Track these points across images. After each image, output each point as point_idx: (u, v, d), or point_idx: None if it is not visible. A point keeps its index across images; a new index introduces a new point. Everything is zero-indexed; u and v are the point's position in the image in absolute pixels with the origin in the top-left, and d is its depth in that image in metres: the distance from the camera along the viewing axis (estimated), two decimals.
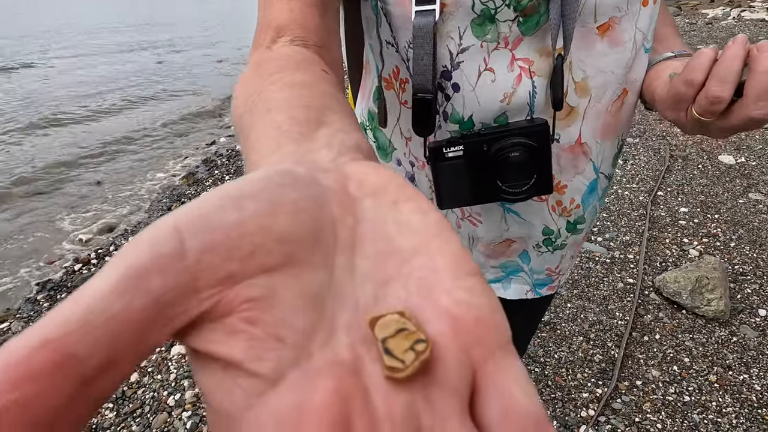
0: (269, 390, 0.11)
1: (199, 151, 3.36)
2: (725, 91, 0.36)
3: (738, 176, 2.30)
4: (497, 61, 0.41)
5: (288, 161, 0.17)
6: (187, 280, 0.11)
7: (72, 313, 0.10)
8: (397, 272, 0.13)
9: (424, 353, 0.11)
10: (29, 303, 1.86)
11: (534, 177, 0.42)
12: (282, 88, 0.25)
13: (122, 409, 1.35)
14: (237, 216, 0.12)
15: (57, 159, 3.26)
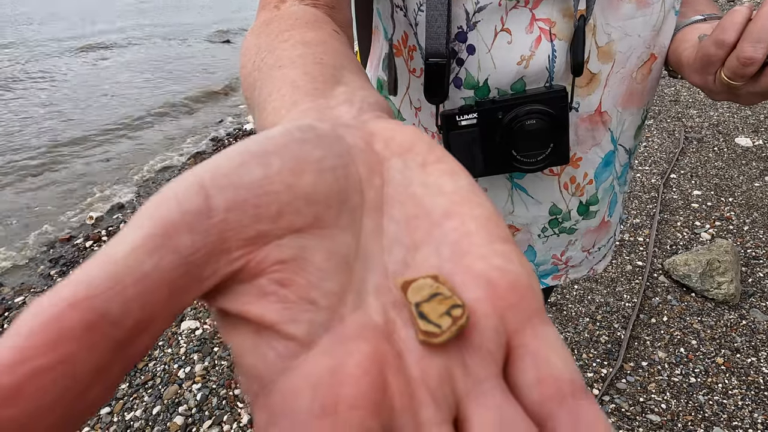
0: (303, 353, 0.11)
1: (207, 131, 3.36)
2: (758, 51, 0.34)
3: (755, 159, 2.25)
4: (515, 22, 0.39)
5: (307, 118, 0.16)
6: (215, 239, 0.11)
7: (101, 272, 0.09)
8: (428, 236, 0.13)
9: (461, 319, 0.11)
10: (43, 278, 1.90)
11: (550, 146, 0.40)
12: (294, 45, 0.24)
13: (134, 381, 1.39)
14: (261, 173, 0.12)
15: (67, 137, 3.28)
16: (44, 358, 0.08)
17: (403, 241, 0.13)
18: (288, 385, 0.10)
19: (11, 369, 0.08)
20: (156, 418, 1.27)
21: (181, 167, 2.82)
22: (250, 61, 0.26)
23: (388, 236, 0.13)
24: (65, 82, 4.43)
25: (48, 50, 5.56)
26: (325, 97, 0.18)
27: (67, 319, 0.09)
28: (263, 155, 0.12)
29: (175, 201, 0.11)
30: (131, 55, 5.40)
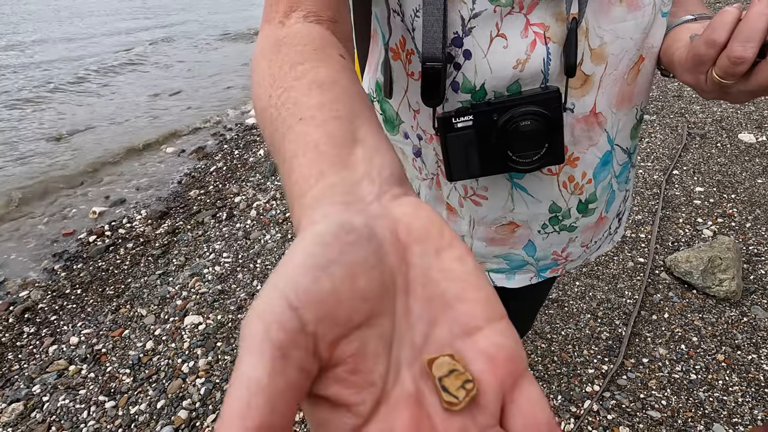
0: (366, 423, 0.15)
1: (209, 125, 3.35)
2: (748, 50, 0.34)
3: (758, 155, 2.24)
4: (510, 27, 0.40)
5: (336, 196, 0.19)
6: (312, 347, 0.14)
7: (258, 398, 0.13)
8: (443, 315, 0.17)
9: (473, 391, 0.15)
10: (47, 272, 1.91)
11: (545, 146, 0.41)
12: (309, 88, 0.25)
13: (138, 375, 1.40)
14: (330, 285, 0.15)
15: (68, 130, 3.28)
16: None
17: (424, 318, 0.17)
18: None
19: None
20: (160, 412, 1.29)
21: (184, 161, 2.82)
22: (266, 93, 0.27)
23: (413, 313, 0.17)
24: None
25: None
26: (347, 167, 0.21)
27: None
28: (326, 268, 0.15)
29: (277, 324, 0.14)
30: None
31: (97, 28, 6.44)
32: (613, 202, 0.54)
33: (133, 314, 1.65)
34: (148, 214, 2.24)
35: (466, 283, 0.17)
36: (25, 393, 1.37)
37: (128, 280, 1.82)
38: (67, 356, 1.49)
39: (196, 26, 6.43)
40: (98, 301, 1.73)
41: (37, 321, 1.66)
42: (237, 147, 2.93)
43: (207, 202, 2.32)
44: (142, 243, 2.04)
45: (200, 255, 1.92)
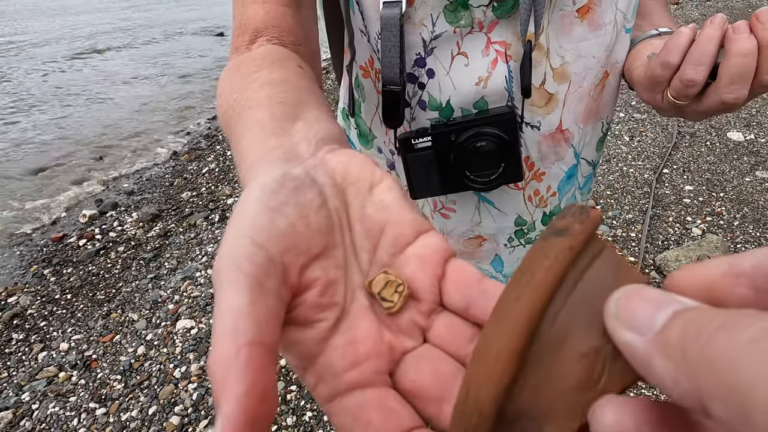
0: (332, 336, 0.17)
1: (201, 127, 3.33)
2: (699, 74, 0.35)
3: (746, 153, 2.26)
4: (471, 46, 0.41)
5: (275, 156, 0.21)
6: (282, 275, 0.16)
7: (243, 322, 0.14)
8: (380, 241, 0.20)
9: (405, 291, 0.19)
10: (36, 277, 1.89)
11: (502, 166, 0.42)
12: (261, 86, 0.28)
13: (130, 381, 1.39)
14: (286, 222, 0.17)
15: (58, 134, 3.24)
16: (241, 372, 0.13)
17: (366, 247, 0.20)
18: (326, 356, 0.17)
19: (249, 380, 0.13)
20: (152, 418, 1.28)
21: (176, 163, 2.80)
22: (226, 101, 0.29)
23: (357, 245, 0.20)
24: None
25: None
26: (286, 135, 0.23)
27: (255, 354, 0.13)
28: (279, 209, 0.17)
29: (247, 259, 0.15)
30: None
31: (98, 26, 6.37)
32: None
33: (124, 319, 1.64)
34: (140, 217, 2.22)
35: (394, 209, 0.20)
36: (14, 401, 1.36)
37: (119, 284, 1.81)
38: (56, 363, 1.48)
39: (192, 24, 6.38)
40: (88, 306, 1.72)
41: (26, 327, 1.64)
42: (229, 148, 2.91)
43: (199, 204, 2.30)
44: (134, 246, 2.02)
45: (192, 258, 1.90)
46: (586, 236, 0.14)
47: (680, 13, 4.35)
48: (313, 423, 1.24)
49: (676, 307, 0.11)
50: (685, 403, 0.10)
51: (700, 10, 4.37)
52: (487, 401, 0.13)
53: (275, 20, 0.36)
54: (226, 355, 0.13)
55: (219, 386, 0.13)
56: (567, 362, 0.13)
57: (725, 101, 0.35)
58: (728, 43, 0.34)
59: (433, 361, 0.18)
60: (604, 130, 0.51)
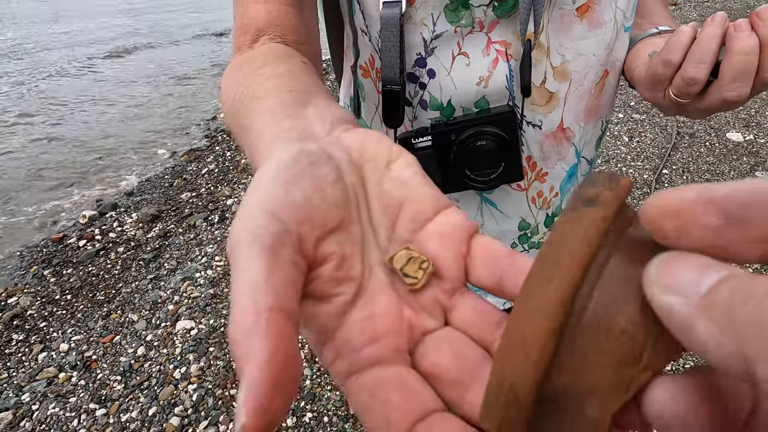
0: (349, 310, 0.17)
1: (200, 127, 3.33)
2: (700, 72, 0.35)
3: (745, 154, 2.27)
4: (472, 45, 0.41)
5: (290, 135, 0.21)
6: (297, 245, 0.16)
7: (260, 294, 0.13)
8: (398, 218, 0.19)
9: (429, 267, 0.18)
10: (36, 278, 1.89)
11: (502, 165, 0.42)
12: (268, 78, 0.28)
13: (130, 382, 1.39)
14: (302, 195, 0.17)
15: (57, 135, 3.24)
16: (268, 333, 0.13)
17: (385, 223, 0.19)
18: (344, 331, 0.16)
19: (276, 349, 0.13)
20: (152, 419, 1.28)
21: (175, 164, 2.80)
22: (231, 96, 0.29)
23: (375, 222, 0.19)
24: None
25: None
26: (300, 117, 0.23)
27: (276, 319, 0.13)
28: (294, 181, 0.17)
29: (262, 229, 0.15)
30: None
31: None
32: None
33: (124, 320, 1.64)
34: (139, 218, 2.22)
35: (413, 185, 0.20)
36: (14, 402, 1.36)
37: (119, 285, 1.81)
38: (56, 363, 1.48)
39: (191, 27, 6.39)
40: (88, 306, 1.72)
41: (26, 328, 1.64)
42: (229, 149, 2.91)
43: (199, 204, 2.30)
44: (133, 247, 2.02)
45: (192, 259, 1.90)
46: (618, 204, 0.13)
47: (678, 14, 4.36)
48: (313, 424, 1.24)
49: (722, 273, 0.10)
50: (728, 366, 0.10)
51: (698, 11, 4.38)
52: (525, 386, 0.12)
53: (277, 19, 0.36)
54: (246, 323, 0.13)
55: (241, 354, 0.12)
56: (606, 339, 0.13)
57: (727, 99, 0.35)
58: (730, 41, 0.34)
59: (456, 344, 0.17)
60: (603, 129, 0.51)
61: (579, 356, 0.13)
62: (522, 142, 0.45)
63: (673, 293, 0.11)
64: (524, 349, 0.13)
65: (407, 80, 0.43)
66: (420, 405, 0.15)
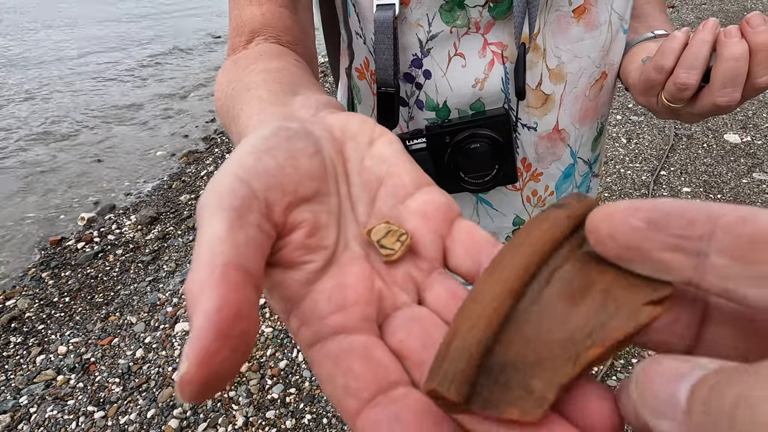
0: (318, 279, 0.16)
1: (199, 129, 3.33)
2: (692, 77, 0.36)
3: (743, 155, 2.28)
4: (468, 47, 0.41)
5: (275, 119, 0.21)
6: (265, 210, 0.15)
7: (222, 248, 0.13)
8: (378, 193, 0.19)
9: (407, 240, 0.17)
10: (34, 280, 1.89)
11: (496, 167, 0.42)
12: (259, 72, 0.28)
13: (128, 384, 1.39)
14: (274, 163, 0.16)
15: (56, 136, 3.24)
16: (224, 290, 0.12)
17: (364, 199, 0.19)
18: (311, 298, 0.16)
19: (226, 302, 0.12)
20: (150, 421, 1.28)
21: (174, 165, 2.80)
22: (223, 92, 0.30)
23: (354, 197, 0.19)
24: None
25: None
26: (287, 105, 0.23)
27: (231, 273, 0.13)
28: (269, 151, 0.17)
29: (229, 193, 0.15)
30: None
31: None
32: None
33: (122, 322, 1.63)
34: (138, 220, 2.22)
35: (393, 161, 0.20)
36: (12, 404, 1.35)
37: (117, 287, 1.80)
38: (55, 366, 1.47)
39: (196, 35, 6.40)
40: (87, 309, 1.71)
41: (24, 330, 1.64)
42: (228, 151, 2.91)
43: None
44: (132, 249, 2.02)
45: (191, 261, 1.90)
46: (584, 211, 0.15)
47: (676, 16, 4.38)
48: (312, 425, 1.24)
49: (691, 379, 0.10)
50: None
51: (696, 13, 4.40)
52: (477, 344, 0.13)
53: (272, 21, 0.37)
54: (201, 277, 0.12)
55: (191, 305, 0.12)
56: (558, 316, 0.13)
57: (718, 104, 0.35)
58: (720, 47, 0.35)
59: (426, 324, 0.16)
60: (599, 130, 0.51)
61: (531, 330, 0.13)
62: (517, 144, 0.46)
63: (660, 417, 0.11)
64: (478, 309, 0.13)
65: (404, 80, 0.43)
66: (384, 377, 0.14)
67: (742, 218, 0.11)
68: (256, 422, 1.25)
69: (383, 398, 0.14)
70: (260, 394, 1.33)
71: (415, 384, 0.15)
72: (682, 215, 0.12)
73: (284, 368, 1.39)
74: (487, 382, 0.13)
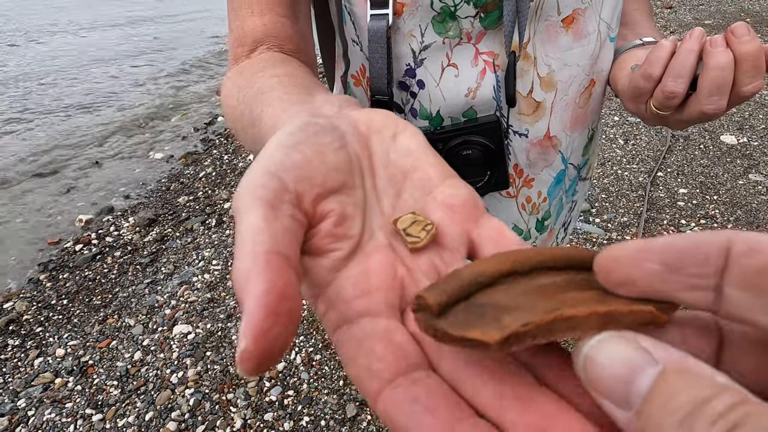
0: (344, 266, 0.17)
1: (198, 131, 3.33)
2: (679, 86, 0.36)
3: (739, 156, 2.29)
4: (460, 57, 0.41)
5: (302, 114, 0.21)
6: (296, 201, 0.16)
7: (261, 237, 0.14)
8: (404, 185, 0.20)
9: (432, 230, 0.18)
10: (32, 283, 1.88)
11: (488, 174, 0.43)
12: (269, 78, 0.29)
13: (126, 387, 1.39)
14: (302, 157, 0.17)
15: (54, 138, 3.24)
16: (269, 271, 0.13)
17: (389, 192, 0.20)
18: (337, 284, 0.17)
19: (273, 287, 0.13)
20: (149, 424, 1.28)
21: (173, 167, 2.80)
22: (234, 98, 0.30)
23: (379, 189, 0.20)
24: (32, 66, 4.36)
25: None
26: (309, 102, 0.24)
27: (273, 259, 0.14)
28: (296, 146, 0.18)
29: (262, 187, 0.16)
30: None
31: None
32: (561, 213, 0.57)
33: (120, 324, 1.63)
34: (136, 222, 2.22)
35: (418, 154, 0.20)
36: (9, 407, 1.35)
37: (116, 289, 1.80)
38: (53, 369, 1.47)
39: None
40: (85, 311, 1.71)
41: (22, 333, 1.64)
42: (226, 152, 2.91)
43: (196, 208, 2.30)
44: (130, 251, 2.02)
45: (189, 263, 1.90)
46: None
47: (674, 17, 4.39)
48: (310, 428, 1.24)
49: (653, 372, 0.10)
50: None
51: (693, 14, 4.41)
52: (470, 277, 0.15)
53: (274, 30, 0.37)
54: (246, 265, 0.13)
55: (241, 291, 0.13)
56: (552, 294, 0.14)
57: (705, 111, 0.36)
58: (706, 56, 0.35)
59: None
60: (590, 136, 0.52)
61: (521, 293, 0.15)
62: (509, 151, 0.46)
63: (607, 401, 0.11)
64: (483, 265, 0.15)
65: (399, 89, 0.44)
66: (404, 359, 0.15)
67: (750, 249, 0.11)
68: (254, 424, 1.25)
69: (403, 380, 0.14)
70: (258, 396, 1.33)
71: (433, 368, 0.15)
72: (695, 252, 0.12)
73: (282, 370, 1.40)
74: (464, 309, 0.14)
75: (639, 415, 0.10)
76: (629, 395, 0.11)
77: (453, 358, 0.15)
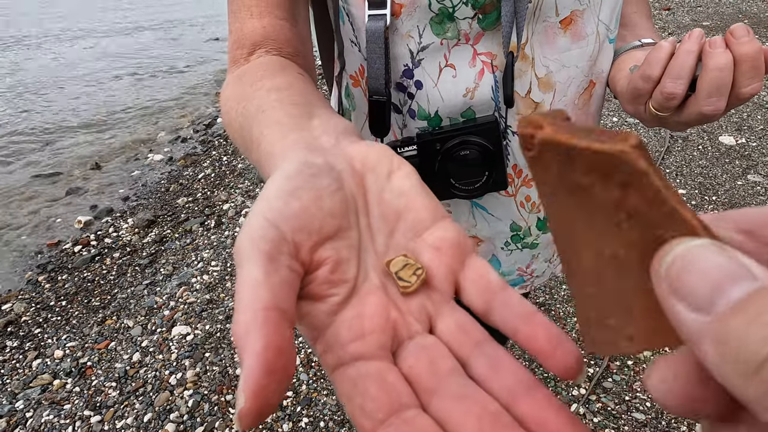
0: (341, 310, 0.18)
1: (197, 133, 3.33)
2: (678, 87, 0.36)
3: (738, 157, 2.29)
4: (458, 57, 0.41)
5: (299, 148, 0.22)
6: (294, 252, 0.17)
7: (263, 292, 0.15)
8: (397, 225, 0.21)
9: (422, 275, 0.19)
10: (30, 284, 1.88)
11: (486, 174, 0.43)
12: (269, 92, 0.29)
13: (125, 388, 1.38)
14: (299, 205, 0.18)
15: (54, 140, 3.23)
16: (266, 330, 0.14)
17: (383, 231, 0.21)
18: (334, 327, 0.18)
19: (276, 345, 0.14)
20: (147, 425, 1.27)
21: (172, 168, 2.80)
22: (233, 109, 0.30)
23: (373, 228, 0.20)
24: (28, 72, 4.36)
25: None
26: (307, 129, 0.24)
27: (271, 315, 0.15)
28: (294, 192, 0.19)
29: (261, 238, 0.17)
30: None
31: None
32: None
33: (119, 326, 1.63)
34: (135, 223, 2.22)
35: (412, 195, 0.21)
36: (7, 409, 1.35)
37: (114, 290, 1.80)
38: (51, 370, 1.47)
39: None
40: (83, 312, 1.71)
41: (21, 334, 1.63)
42: (225, 153, 2.91)
43: (195, 209, 2.30)
44: (129, 252, 2.02)
45: (188, 264, 1.90)
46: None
47: (671, 18, 4.40)
48: (309, 429, 1.24)
49: (747, 288, 0.10)
50: (730, 388, 0.09)
51: (692, 15, 4.43)
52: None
53: (273, 33, 0.37)
54: (246, 320, 0.14)
55: (241, 346, 0.14)
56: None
57: (704, 113, 0.36)
58: (705, 57, 0.35)
59: (434, 353, 0.18)
60: None
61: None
62: (508, 151, 0.46)
63: (684, 304, 0.10)
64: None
65: (397, 89, 0.44)
66: (396, 399, 0.16)
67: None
68: None
69: (395, 419, 0.15)
70: None
71: (423, 407, 0.16)
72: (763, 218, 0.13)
73: None
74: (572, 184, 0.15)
75: (721, 321, 0.10)
76: (715, 299, 0.10)
77: (441, 397, 0.16)
